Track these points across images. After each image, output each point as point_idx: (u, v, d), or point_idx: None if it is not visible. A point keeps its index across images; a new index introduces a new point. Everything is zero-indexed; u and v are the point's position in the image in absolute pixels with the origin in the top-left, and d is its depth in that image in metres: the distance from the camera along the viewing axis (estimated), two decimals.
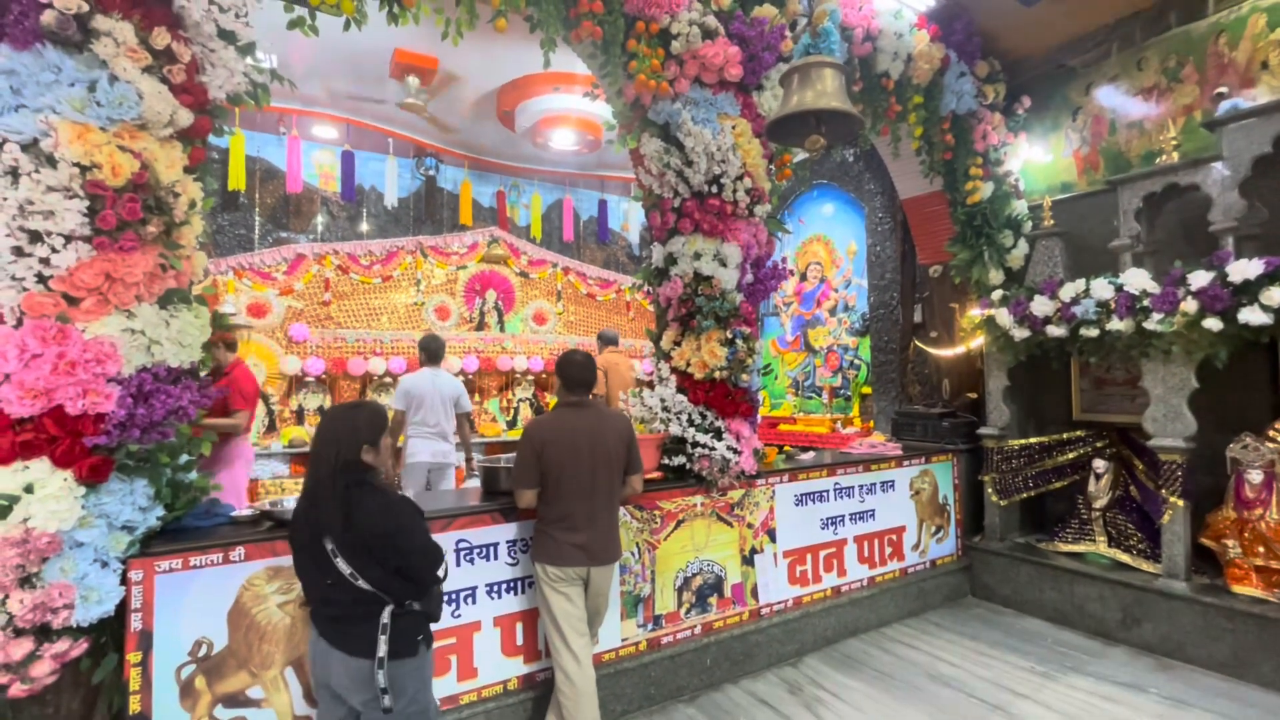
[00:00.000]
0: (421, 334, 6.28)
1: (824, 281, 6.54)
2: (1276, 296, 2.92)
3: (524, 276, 7.19)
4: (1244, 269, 3.02)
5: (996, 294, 4.23)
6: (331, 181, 6.65)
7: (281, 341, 5.86)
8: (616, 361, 5.73)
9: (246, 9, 2.30)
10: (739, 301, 3.28)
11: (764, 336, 6.92)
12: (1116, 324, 3.48)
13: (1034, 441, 4.25)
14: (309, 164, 6.50)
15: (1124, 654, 3.47)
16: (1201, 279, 3.16)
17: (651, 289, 3.51)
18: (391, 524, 1.75)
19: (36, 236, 1.89)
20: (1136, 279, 3.44)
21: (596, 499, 2.48)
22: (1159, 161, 3.65)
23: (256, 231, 6.32)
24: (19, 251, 1.89)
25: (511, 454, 2.84)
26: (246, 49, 2.34)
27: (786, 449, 4.20)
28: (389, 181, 6.71)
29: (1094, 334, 3.60)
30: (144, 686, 2.02)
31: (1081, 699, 3.01)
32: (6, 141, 1.87)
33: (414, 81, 5.24)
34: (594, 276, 7.63)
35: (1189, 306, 3.18)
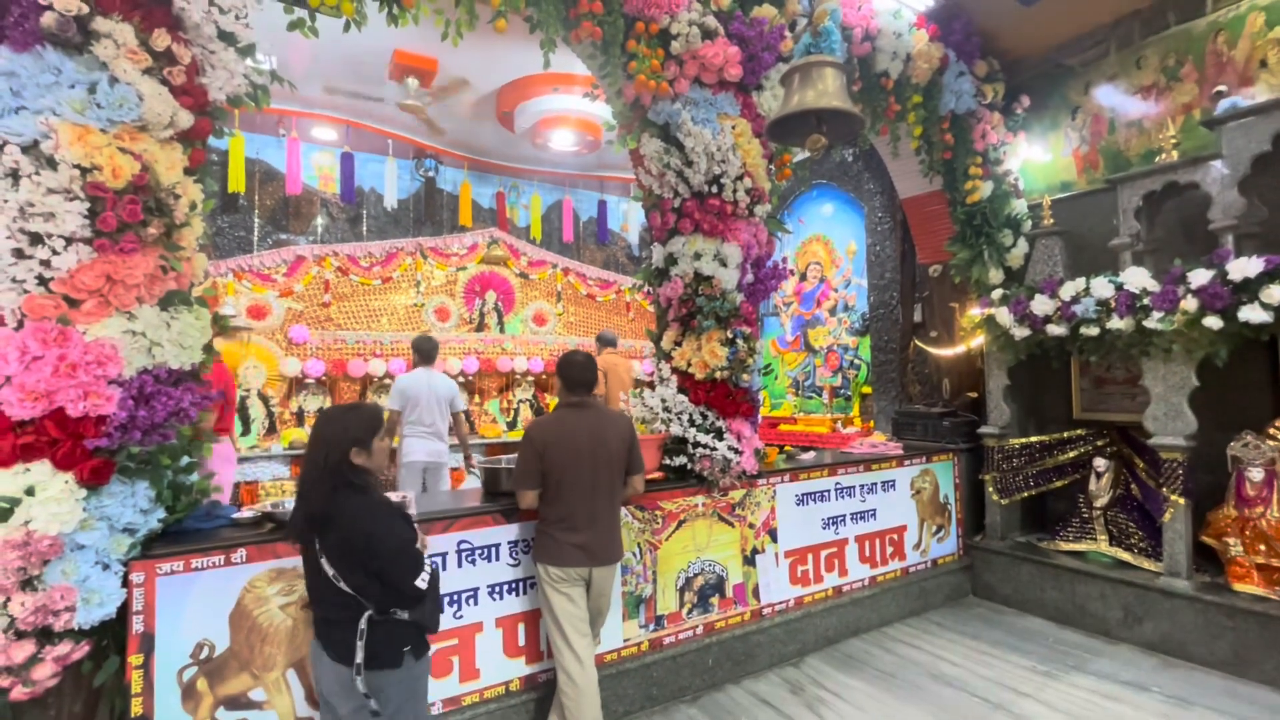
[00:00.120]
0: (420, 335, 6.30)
1: (824, 281, 6.55)
2: (1276, 294, 2.93)
3: (524, 277, 7.19)
4: (1244, 267, 3.03)
5: (996, 293, 4.23)
6: (331, 183, 6.65)
7: (281, 343, 5.86)
8: (616, 363, 5.74)
9: (246, 11, 2.30)
10: (739, 301, 3.29)
11: (764, 336, 6.92)
12: (1117, 323, 3.48)
13: (1035, 440, 4.26)
14: (308, 166, 6.50)
15: (1126, 653, 3.47)
16: (1201, 277, 3.17)
17: (652, 289, 3.52)
18: (369, 526, 1.74)
19: (37, 238, 1.89)
20: (1136, 278, 3.45)
21: (598, 499, 2.48)
22: (1158, 160, 3.66)
23: (256, 233, 6.31)
24: (19, 254, 1.89)
25: (512, 455, 2.85)
26: (246, 50, 2.34)
27: (787, 449, 4.20)
28: (388, 183, 6.71)
29: (1094, 333, 3.61)
30: (146, 689, 2.02)
31: (1083, 698, 3.01)
32: (7, 144, 1.87)
33: (414, 83, 5.24)
34: (594, 277, 7.63)
35: (1189, 305, 3.18)
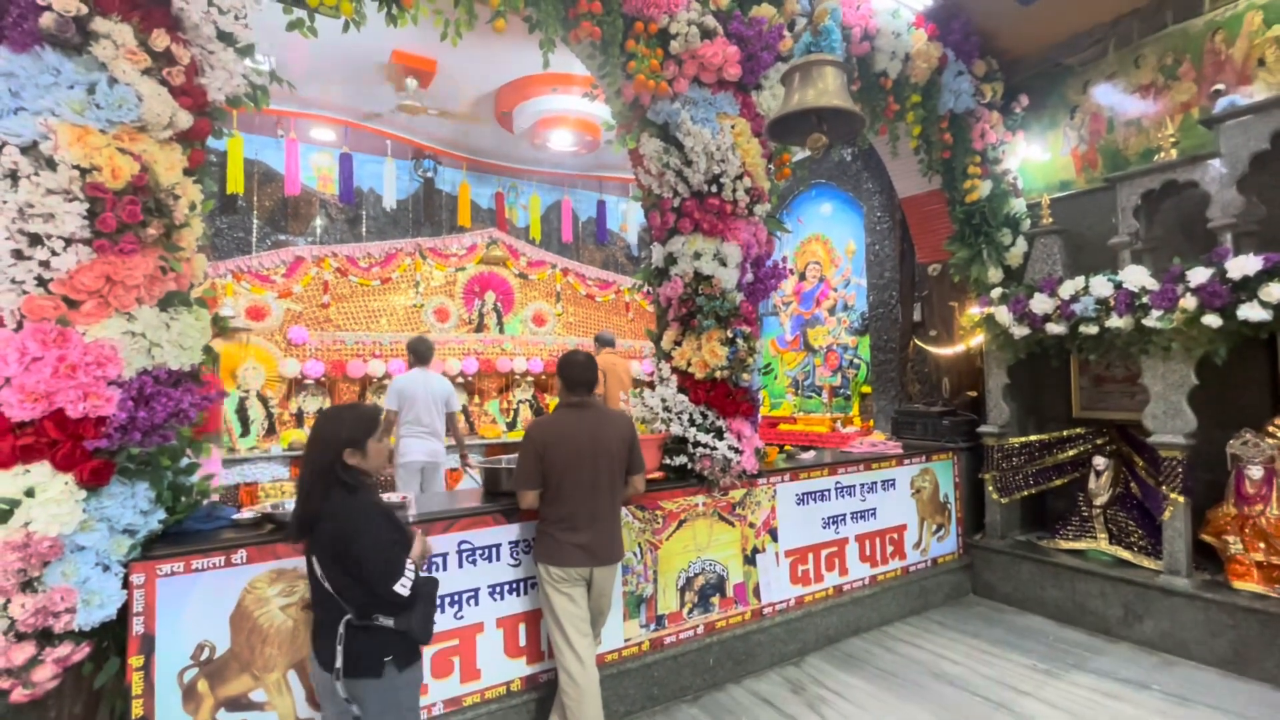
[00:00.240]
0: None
1: (823, 281, 6.55)
2: (1275, 293, 2.93)
3: (523, 278, 7.18)
4: (1243, 265, 3.03)
5: (996, 292, 4.23)
6: (330, 184, 6.64)
7: (280, 344, 5.85)
8: (614, 363, 5.74)
9: (245, 11, 2.29)
10: (739, 301, 3.29)
11: (763, 336, 6.92)
12: (1116, 321, 3.48)
13: (1034, 439, 4.26)
14: (307, 166, 6.49)
15: (1126, 651, 3.48)
16: (1200, 276, 3.17)
17: (651, 289, 3.52)
18: (350, 525, 1.73)
19: (36, 239, 1.89)
20: (1135, 276, 3.45)
21: (599, 499, 2.48)
22: (1157, 159, 3.66)
23: (254, 234, 6.30)
24: (19, 254, 1.89)
25: (511, 455, 2.84)
26: (246, 51, 2.34)
27: (787, 448, 4.20)
28: (387, 183, 6.71)
29: (1093, 331, 3.61)
30: (146, 690, 2.02)
31: (1084, 696, 3.02)
32: (6, 144, 1.87)
33: (412, 83, 5.24)
34: (593, 277, 7.63)
35: (1188, 303, 3.19)
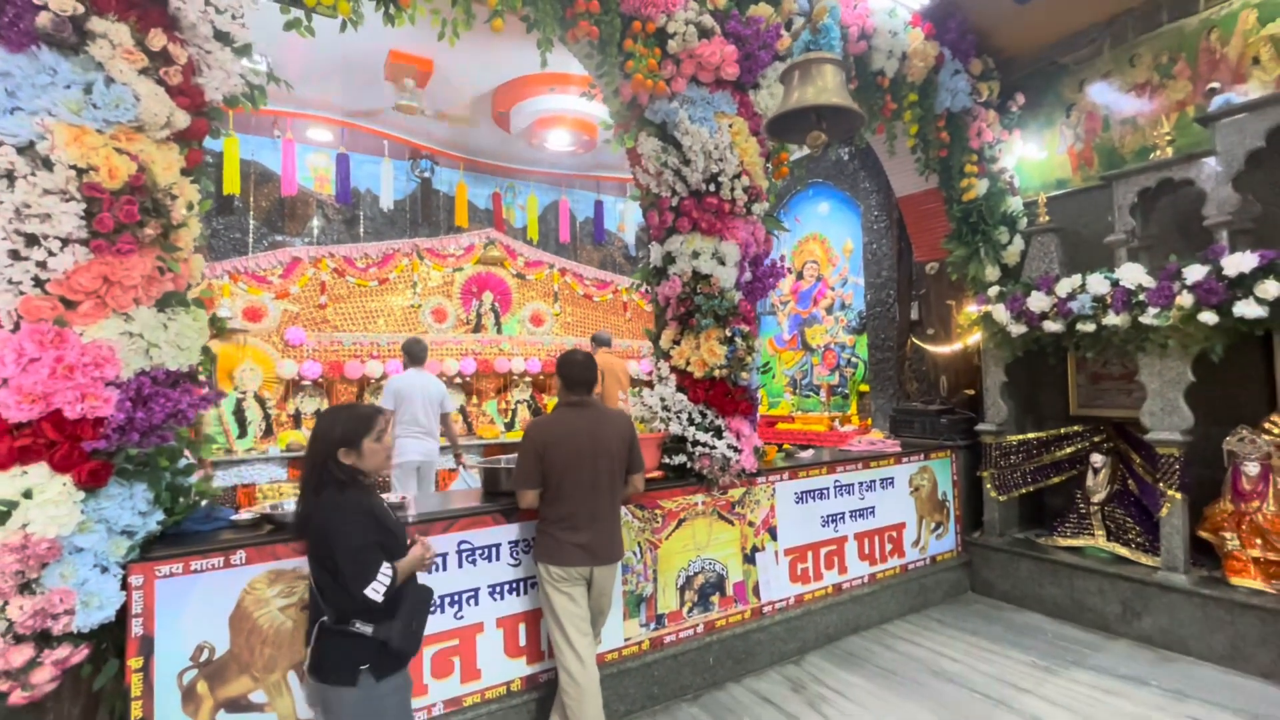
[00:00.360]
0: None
1: (820, 280, 6.56)
2: (1271, 290, 2.94)
3: (520, 278, 7.17)
4: (1239, 262, 3.05)
5: (993, 290, 4.24)
6: (327, 184, 6.63)
7: (278, 345, 5.83)
8: (612, 363, 5.74)
9: (243, 10, 2.29)
10: (738, 300, 3.29)
11: (761, 335, 6.93)
12: (1113, 319, 3.49)
13: (1032, 437, 4.27)
14: (304, 167, 6.48)
15: (1124, 647, 3.49)
16: (1197, 273, 3.19)
17: (650, 288, 3.52)
18: (329, 521, 1.72)
19: (33, 240, 1.88)
20: (1132, 274, 3.47)
21: (599, 498, 2.48)
22: (1153, 157, 3.68)
23: (251, 235, 6.29)
24: (15, 255, 1.88)
25: (510, 455, 2.84)
26: (243, 50, 2.33)
27: (785, 447, 4.20)
28: (384, 184, 6.70)
29: (1090, 329, 3.62)
30: (145, 692, 2.01)
31: (1083, 692, 3.02)
32: (2, 144, 1.86)
33: (409, 83, 5.23)
34: (591, 277, 7.62)
35: (1184, 300, 3.20)
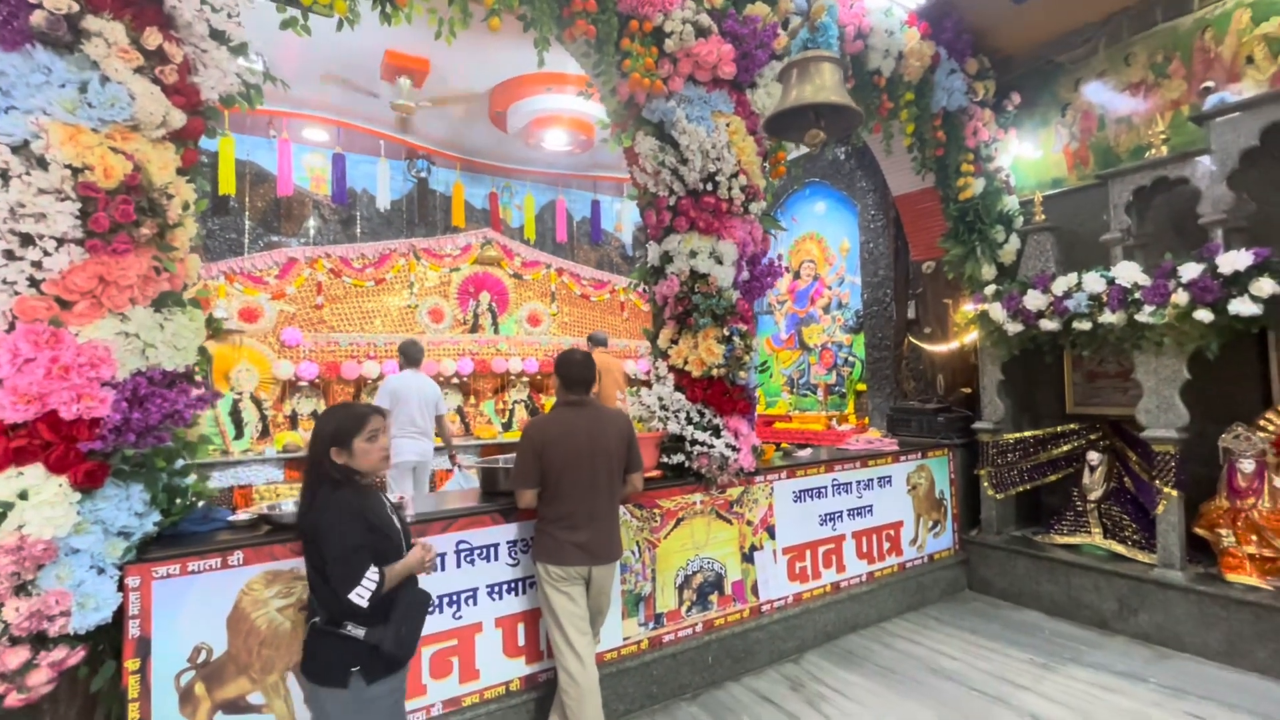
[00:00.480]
0: (414, 337, 6.28)
1: (817, 279, 6.57)
2: (1266, 287, 2.96)
3: (517, 278, 7.17)
4: (1233, 260, 3.06)
5: (989, 289, 4.25)
6: (323, 184, 6.61)
7: (274, 346, 5.82)
8: (609, 363, 5.74)
9: (238, 9, 2.28)
10: (735, 299, 3.29)
11: (758, 335, 6.94)
12: (1109, 317, 3.51)
13: (1028, 435, 4.29)
14: (299, 167, 6.46)
15: (1121, 644, 3.50)
16: (1192, 271, 3.20)
17: (647, 287, 3.51)
18: (321, 523, 1.72)
19: (28, 239, 1.87)
20: (1128, 272, 3.48)
21: (597, 497, 2.48)
22: (1148, 156, 3.70)
23: (247, 236, 6.26)
24: (10, 255, 1.87)
25: (508, 455, 2.83)
26: (239, 49, 2.32)
27: (784, 446, 4.21)
28: (381, 184, 6.68)
29: (1086, 327, 3.63)
30: (143, 694, 2.00)
31: (1081, 689, 3.03)
32: None
33: (405, 82, 5.22)
34: (588, 277, 7.62)
35: (1180, 298, 3.21)
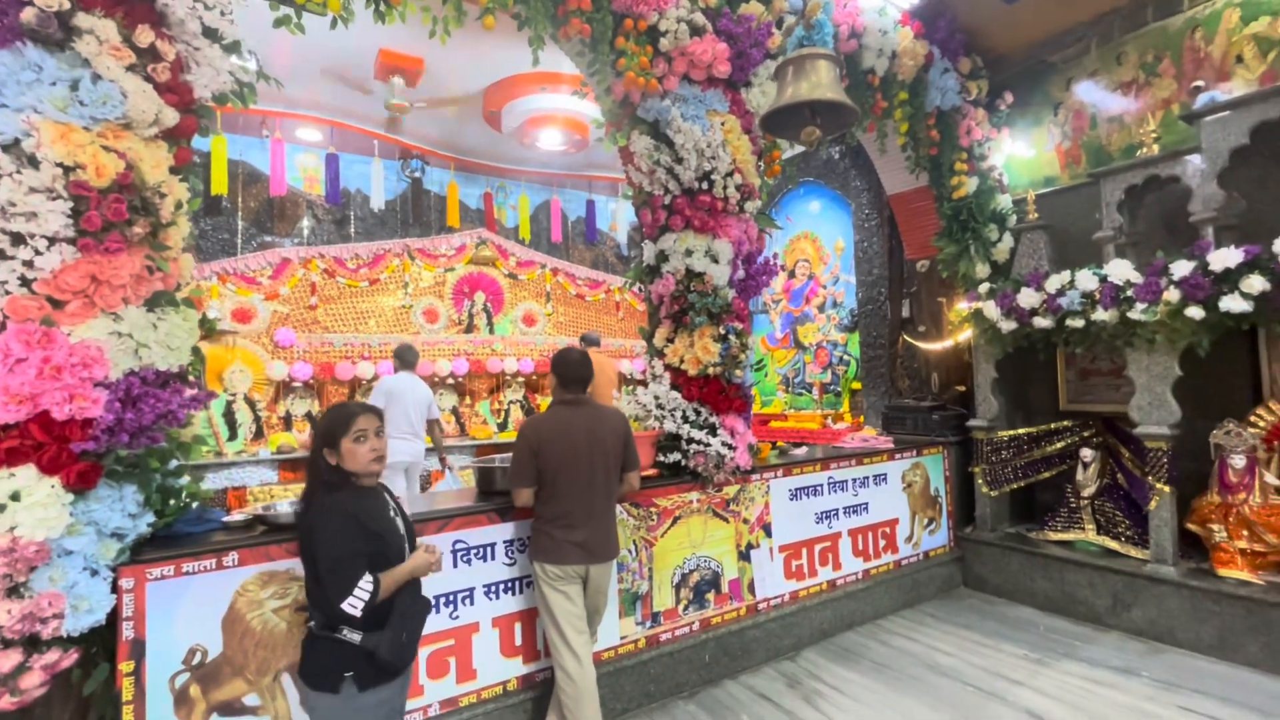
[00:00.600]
0: (408, 338, 6.28)
1: (812, 278, 6.58)
2: (1256, 284, 2.98)
3: (512, 278, 7.16)
4: (1224, 258, 3.09)
5: (983, 287, 4.27)
6: (316, 185, 6.58)
7: (268, 347, 5.79)
8: (602, 363, 5.71)
9: (231, 7, 2.26)
10: (731, 297, 3.29)
11: (754, 334, 6.95)
12: (1101, 314, 3.53)
13: (1022, 432, 4.31)
14: (293, 167, 6.42)
15: (1115, 639, 3.52)
16: (1183, 269, 3.22)
17: (643, 287, 3.52)
18: (315, 526, 1.72)
19: (19, 239, 1.85)
20: (1120, 270, 3.50)
21: (595, 496, 2.48)
22: (1139, 154, 3.73)
23: (240, 236, 6.23)
24: (1, 254, 1.85)
25: (505, 455, 2.83)
26: (232, 47, 2.30)
27: (779, 444, 4.21)
28: (374, 184, 6.65)
29: (1079, 324, 3.66)
30: (137, 696, 1.98)
31: (1075, 684, 3.05)
32: None
33: (399, 82, 5.20)
34: (583, 277, 7.62)
35: (1171, 296, 3.24)
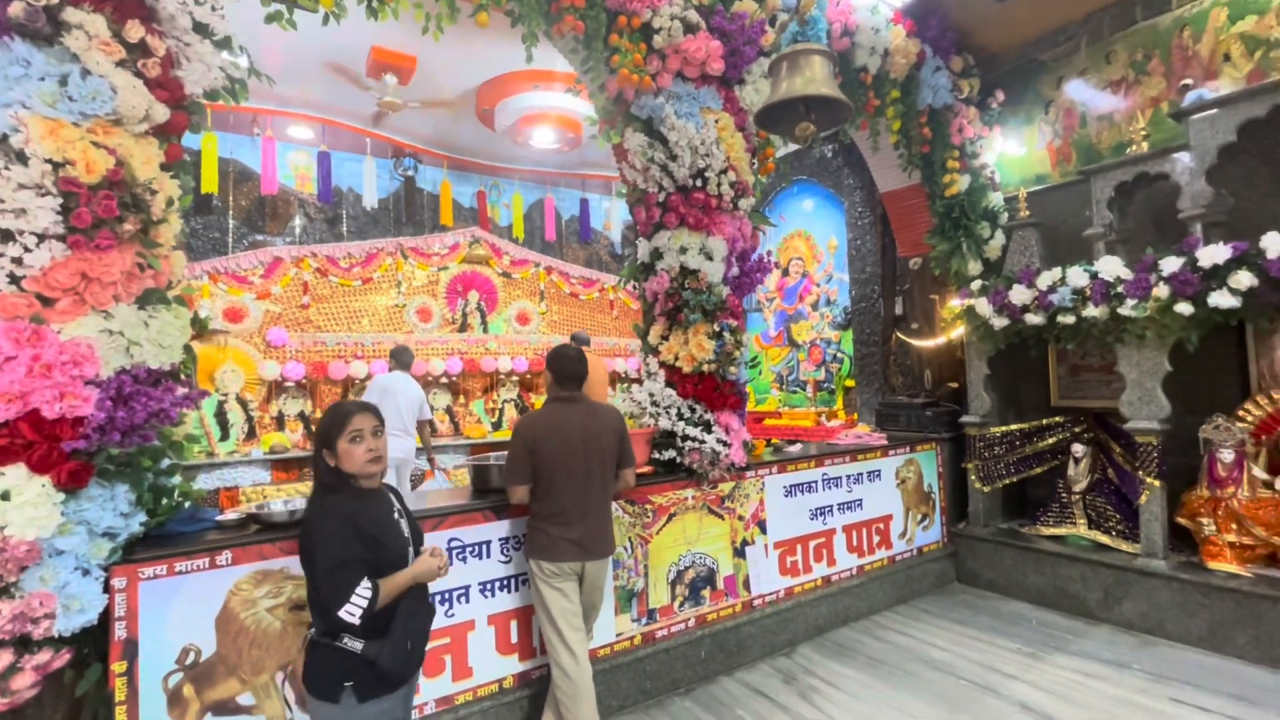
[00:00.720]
0: (401, 337, 6.26)
1: (806, 276, 6.60)
2: (1244, 280, 3.02)
3: (506, 277, 7.14)
4: (1213, 254, 3.12)
5: (975, 284, 4.30)
6: (308, 183, 6.54)
7: (260, 346, 5.75)
8: (595, 362, 5.72)
9: (222, 2, 2.25)
10: (725, 295, 3.30)
11: (748, 331, 6.96)
12: (1092, 310, 3.56)
13: (1014, 428, 4.34)
14: (284, 165, 6.39)
15: (1106, 632, 3.56)
16: (1172, 265, 3.26)
17: (637, 284, 3.52)
18: (308, 528, 1.69)
19: (8, 235, 1.84)
20: (1110, 266, 3.53)
21: (590, 493, 2.48)
22: (1129, 152, 3.76)
23: (231, 235, 6.19)
24: None
25: (500, 453, 2.82)
26: (223, 43, 2.29)
27: (774, 442, 4.22)
28: (367, 182, 6.62)
29: (1070, 321, 3.69)
30: (130, 697, 1.97)
31: (1067, 677, 3.08)
32: None
33: (391, 79, 5.18)
34: (577, 276, 7.61)
35: (1161, 292, 3.27)
